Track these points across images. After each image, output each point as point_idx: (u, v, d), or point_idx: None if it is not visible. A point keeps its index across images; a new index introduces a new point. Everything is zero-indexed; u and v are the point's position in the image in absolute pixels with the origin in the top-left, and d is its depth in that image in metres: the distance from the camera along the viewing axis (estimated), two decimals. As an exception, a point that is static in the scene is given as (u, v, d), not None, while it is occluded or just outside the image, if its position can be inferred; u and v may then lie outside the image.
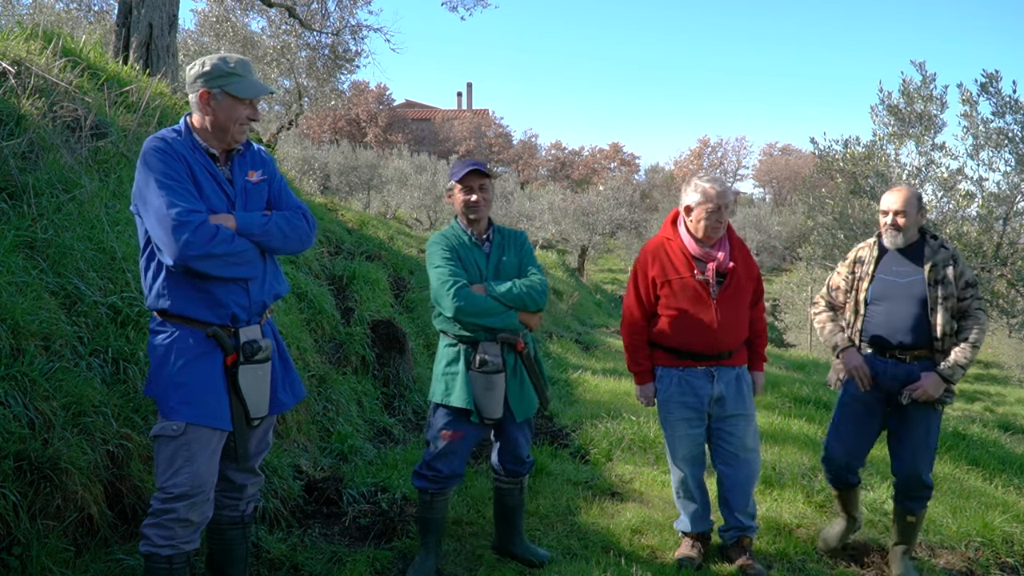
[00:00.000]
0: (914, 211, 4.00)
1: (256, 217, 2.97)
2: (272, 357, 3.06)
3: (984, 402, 22.02)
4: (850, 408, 4.15)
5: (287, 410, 3.29)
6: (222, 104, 2.90)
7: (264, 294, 3.03)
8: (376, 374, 6.79)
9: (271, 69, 15.03)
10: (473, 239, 3.82)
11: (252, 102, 2.95)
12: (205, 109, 2.92)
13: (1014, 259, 10.48)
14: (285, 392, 3.15)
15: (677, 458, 4.17)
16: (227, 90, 2.88)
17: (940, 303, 3.91)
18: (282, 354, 3.19)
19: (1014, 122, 10.16)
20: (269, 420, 3.16)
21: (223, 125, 2.92)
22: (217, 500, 3.06)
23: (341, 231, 9.96)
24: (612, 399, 7.99)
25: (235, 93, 2.89)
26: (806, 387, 9.56)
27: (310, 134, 40.57)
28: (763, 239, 42.73)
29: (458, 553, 4.19)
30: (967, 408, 17.64)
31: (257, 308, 3.00)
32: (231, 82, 2.89)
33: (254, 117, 2.97)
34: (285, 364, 3.20)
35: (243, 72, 2.91)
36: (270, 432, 3.23)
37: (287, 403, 3.17)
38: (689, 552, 4.18)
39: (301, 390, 3.27)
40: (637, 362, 4.17)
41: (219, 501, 3.10)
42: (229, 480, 3.12)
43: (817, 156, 11.94)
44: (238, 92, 2.89)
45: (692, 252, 4.02)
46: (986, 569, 4.38)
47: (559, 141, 57.81)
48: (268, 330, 3.10)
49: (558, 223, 29.60)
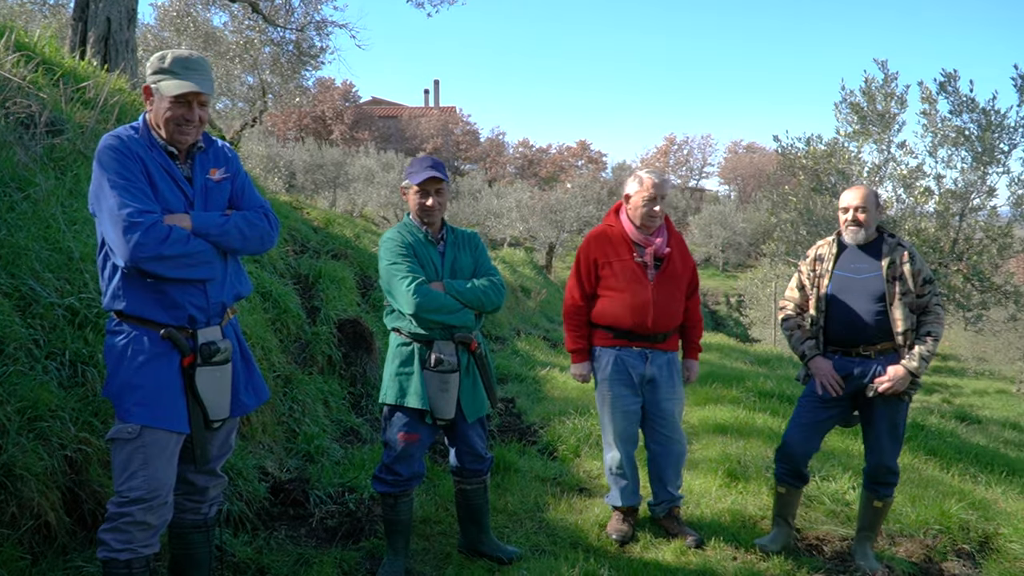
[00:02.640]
0: (873, 208, 4.09)
1: (214, 217, 2.91)
2: (233, 358, 3.02)
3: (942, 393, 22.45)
4: (808, 400, 4.22)
5: (250, 412, 3.24)
6: (157, 101, 2.85)
7: (224, 295, 2.98)
8: (343, 374, 6.73)
9: (234, 65, 14.84)
10: (429, 237, 3.80)
11: (190, 101, 2.86)
12: (148, 105, 2.90)
13: (970, 254, 10.68)
14: (248, 394, 3.11)
15: (614, 436, 4.41)
16: (158, 87, 2.83)
17: (899, 298, 3.98)
18: (244, 355, 3.14)
19: (971, 121, 10.35)
20: (232, 422, 3.12)
21: (160, 123, 2.87)
22: (178, 503, 3.01)
23: (307, 229, 9.86)
24: (580, 395, 8.00)
25: (161, 91, 2.83)
26: (770, 381, 9.67)
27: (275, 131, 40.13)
28: (728, 235, 43.21)
29: (426, 552, 4.17)
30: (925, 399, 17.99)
31: (216, 309, 2.95)
32: (161, 79, 2.83)
33: (189, 117, 2.86)
34: (248, 365, 3.15)
35: (177, 69, 2.82)
36: (233, 434, 3.19)
37: (250, 405, 3.12)
38: (621, 526, 4.45)
39: (265, 391, 3.22)
40: (575, 340, 4.44)
41: (180, 504, 3.05)
42: (190, 483, 3.06)
43: (780, 154, 12.06)
44: (163, 90, 2.82)
45: (632, 237, 4.34)
46: (943, 556, 4.46)
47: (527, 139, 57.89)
48: (229, 331, 3.05)
49: (526, 221, 29.61)
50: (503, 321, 13.67)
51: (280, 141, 34.28)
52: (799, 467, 4.28)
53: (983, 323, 11.73)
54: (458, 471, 4.00)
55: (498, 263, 19.68)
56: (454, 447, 3.97)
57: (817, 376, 4.13)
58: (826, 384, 4.08)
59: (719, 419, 7.23)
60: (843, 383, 4.08)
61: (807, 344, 4.20)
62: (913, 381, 4.00)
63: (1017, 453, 9.88)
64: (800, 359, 4.26)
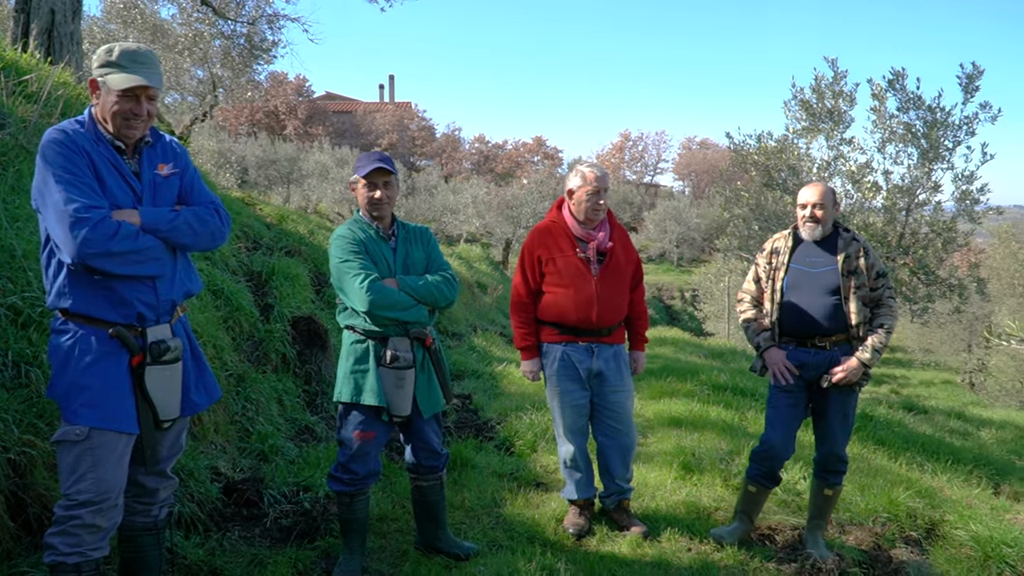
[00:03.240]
0: (830, 204, 4.18)
1: (163, 212, 2.85)
2: (184, 357, 2.97)
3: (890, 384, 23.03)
4: (778, 401, 4.27)
5: (201, 411, 3.18)
6: (104, 95, 2.79)
7: (174, 292, 2.92)
8: (297, 372, 6.66)
9: (183, 59, 14.56)
10: (380, 233, 3.77)
11: (138, 95, 2.79)
12: (94, 99, 2.83)
13: (915, 248, 10.96)
14: (199, 393, 3.06)
15: (564, 430, 4.46)
16: (105, 80, 2.77)
17: (853, 292, 4.07)
18: (195, 353, 3.09)
19: (917, 118, 10.61)
20: (182, 422, 3.07)
21: (106, 117, 2.80)
22: (128, 506, 2.96)
23: (259, 226, 9.71)
24: (537, 391, 8.01)
25: (108, 84, 2.76)
26: (724, 375, 9.80)
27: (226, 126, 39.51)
28: (683, 231, 43.69)
29: (383, 550, 4.15)
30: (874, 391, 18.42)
31: (166, 307, 2.90)
32: (108, 72, 2.76)
33: (137, 111, 2.79)
34: (199, 364, 3.10)
35: (125, 63, 2.76)
36: (183, 434, 3.13)
37: (201, 404, 3.08)
38: (578, 520, 4.50)
39: (216, 390, 3.17)
40: (523, 338, 4.48)
41: (130, 507, 2.99)
42: (139, 485, 3.00)
43: (732, 150, 12.23)
44: (110, 83, 2.75)
45: (575, 232, 4.36)
46: (892, 543, 4.57)
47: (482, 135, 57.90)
48: (180, 329, 2.99)
49: (482, 216, 29.58)
50: (460, 317, 13.65)
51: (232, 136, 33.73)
52: (777, 469, 4.34)
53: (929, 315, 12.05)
54: (414, 468, 3.98)
55: (454, 259, 19.65)
56: (410, 444, 3.96)
57: (770, 366, 4.20)
58: (778, 374, 4.15)
59: (674, 412, 7.30)
60: (796, 373, 4.15)
61: (762, 335, 4.27)
62: (865, 372, 4.09)
63: (962, 442, 10.18)
64: (756, 350, 4.32)
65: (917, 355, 28.84)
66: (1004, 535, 4.52)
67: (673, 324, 29.84)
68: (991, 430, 12.14)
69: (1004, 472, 8.32)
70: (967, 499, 5.58)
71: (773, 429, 4.27)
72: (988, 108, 10.36)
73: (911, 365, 28.53)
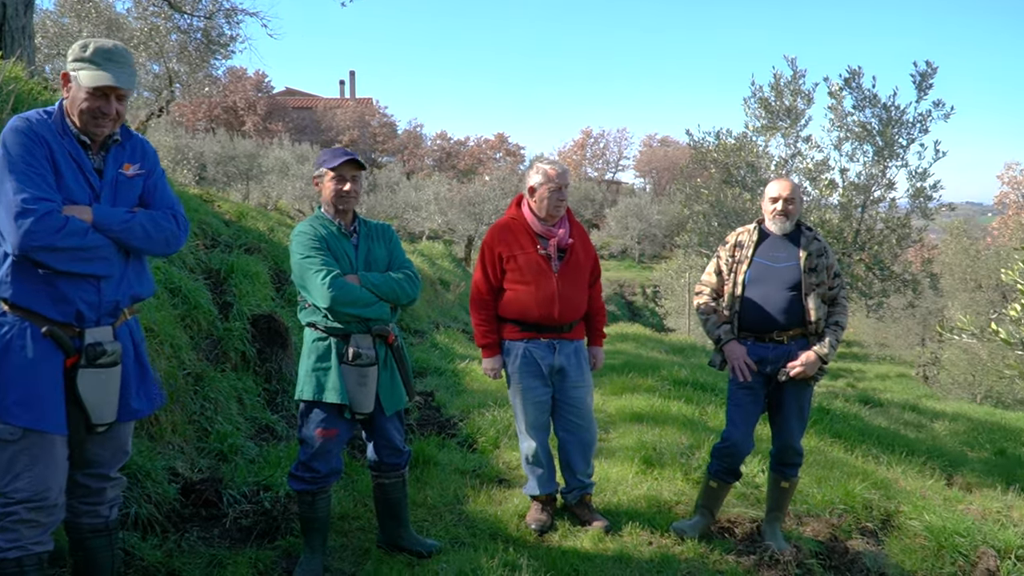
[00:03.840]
0: (799, 200, 4.27)
1: (118, 213, 2.80)
2: (126, 362, 2.89)
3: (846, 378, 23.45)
4: (739, 397, 4.32)
5: (142, 417, 3.10)
6: (75, 90, 2.75)
7: (119, 294, 2.85)
8: (257, 370, 6.58)
9: (139, 53, 14.28)
10: (342, 230, 3.74)
11: (107, 95, 2.75)
12: (65, 92, 2.79)
13: (871, 244, 11.16)
14: (139, 399, 2.98)
15: (526, 426, 4.47)
16: (77, 75, 2.74)
17: (813, 289, 4.14)
18: (140, 359, 3.01)
19: (872, 115, 10.80)
20: (125, 426, 3.00)
21: (74, 112, 2.77)
22: (72, 507, 2.90)
23: (218, 223, 9.56)
24: (499, 387, 8.01)
25: (80, 80, 2.73)
26: (684, 370, 9.89)
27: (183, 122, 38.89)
28: (644, 228, 44.00)
29: (344, 549, 4.13)
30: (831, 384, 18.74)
31: (108, 308, 2.83)
32: (81, 68, 2.74)
33: (106, 110, 2.77)
34: (142, 370, 3.02)
35: (98, 60, 2.73)
36: (129, 439, 3.06)
37: (142, 411, 3.00)
38: (540, 516, 4.50)
39: (159, 398, 3.11)
40: (484, 335, 4.48)
41: (75, 508, 2.93)
42: (83, 486, 2.94)
43: (692, 147, 12.35)
44: (81, 79, 2.72)
45: (535, 229, 4.38)
46: (848, 534, 4.66)
47: (444, 131, 57.65)
48: (124, 333, 2.92)
49: (444, 213, 29.53)
50: (422, 314, 13.61)
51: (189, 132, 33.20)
52: (738, 465, 4.39)
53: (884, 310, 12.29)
54: (376, 465, 3.97)
55: (416, 256, 19.55)
56: (372, 441, 3.94)
57: (730, 361, 4.24)
58: (739, 369, 4.20)
59: (635, 408, 7.35)
60: (755, 369, 4.20)
61: (722, 329, 4.30)
62: (821, 366, 4.17)
63: (916, 434, 10.41)
64: (715, 343, 4.36)
65: (873, 349, 29.43)
66: (957, 525, 4.64)
67: (635, 320, 30.02)
68: (944, 422, 12.43)
69: (956, 463, 8.53)
70: (921, 490, 5.71)
71: (735, 426, 4.31)
72: (941, 106, 10.58)
73: (867, 359, 29.09)
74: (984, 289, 22.03)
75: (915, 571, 4.29)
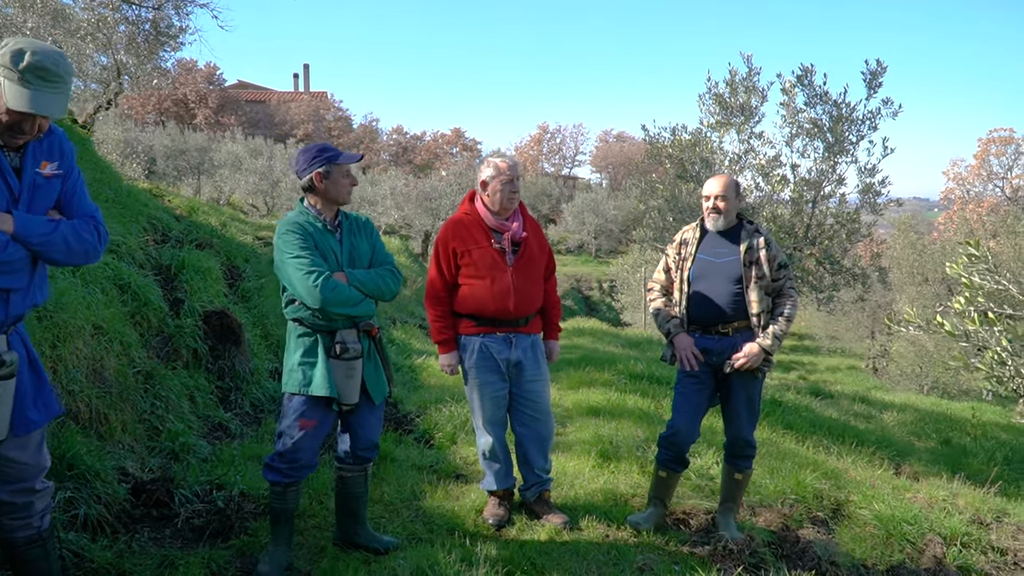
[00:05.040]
0: (733, 196, 4.31)
1: (40, 223, 2.61)
2: (21, 370, 2.71)
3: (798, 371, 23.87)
4: (685, 386, 4.38)
5: (38, 429, 2.85)
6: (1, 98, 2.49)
7: (24, 306, 2.69)
8: (210, 367, 6.47)
9: (85, 44, 13.91)
10: (327, 225, 3.73)
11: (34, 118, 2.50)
12: None
13: (821, 239, 11.36)
14: (36, 410, 2.79)
15: (484, 421, 4.48)
16: (2, 84, 2.46)
17: (754, 282, 4.21)
18: (34, 366, 2.83)
19: (823, 112, 10.98)
20: (35, 436, 2.83)
21: None
22: (4, 524, 2.79)
23: (168, 218, 9.39)
24: (456, 383, 8.00)
25: (5, 93, 2.45)
26: (640, 364, 9.98)
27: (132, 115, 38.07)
28: (600, 223, 44.23)
29: (300, 546, 4.08)
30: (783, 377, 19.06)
31: (12, 320, 2.66)
32: (10, 78, 2.45)
33: (27, 130, 2.53)
34: (38, 378, 2.84)
35: (31, 79, 2.44)
36: (43, 450, 2.91)
37: (38, 421, 2.80)
38: (497, 510, 4.52)
39: (55, 407, 2.91)
40: (440, 331, 4.48)
41: (6, 525, 2.82)
42: (9, 503, 2.81)
43: (648, 143, 12.42)
44: (7, 93, 2.45)
45: (489, 224, 4.38)
46: (800, 523, 4.75)
47: (400, 126, 57.41)
48: (16, 340, 2.74)
49: (400, 208, 29.34)
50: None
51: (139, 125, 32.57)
52: (683, 453, 4.44)
53: (834, 304, 12.52)
54: (346, 456, 3.96)
55: (373, 252, 19.38)
56: (347, 433, 3.94)
57: (678, 351, 4.31)
58: (685, 359, 4.27)
59: (592, 402, 7.40)
60: (702, 359, 4.27)
61: (672, 322, 4.39)
62: (766, 358, 4.24)
63: (865, 425, 10.63)
64: (665, 337, 4.43)
65: (824, 342, 29.97)
66: (905, 513, 4.76)
67: (591, 315, 30.20)
68: (893, 413, 12.71)
69: (904, 453, 8.73)
70: (870, 480, 5.84)
71: (679, 414, 4.38)
72: (890, 104, 10.77)
73: (818, 352, 29.63)
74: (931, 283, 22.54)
75: (864, 559, 4.39)
